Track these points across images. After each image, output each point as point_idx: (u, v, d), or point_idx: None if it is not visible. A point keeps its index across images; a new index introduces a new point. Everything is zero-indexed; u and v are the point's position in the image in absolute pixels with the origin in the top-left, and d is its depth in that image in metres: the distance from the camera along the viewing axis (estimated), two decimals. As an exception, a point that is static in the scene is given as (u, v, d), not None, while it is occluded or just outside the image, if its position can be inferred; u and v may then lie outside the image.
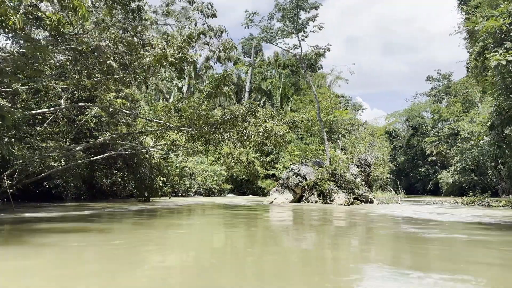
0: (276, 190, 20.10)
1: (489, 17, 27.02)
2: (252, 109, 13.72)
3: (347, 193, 19.35)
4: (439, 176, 55.95)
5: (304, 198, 19.57)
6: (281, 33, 20.86)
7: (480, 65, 28.13)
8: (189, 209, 16.56)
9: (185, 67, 15.64)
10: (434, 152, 62.54)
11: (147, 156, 21.70)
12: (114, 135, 14.74)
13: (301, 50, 21.45)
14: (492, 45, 23.40)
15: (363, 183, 21.45)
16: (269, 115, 13.74)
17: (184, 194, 32.64)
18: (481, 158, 45.92)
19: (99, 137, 15.26)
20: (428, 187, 62.19)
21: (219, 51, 14.18)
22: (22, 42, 10.09)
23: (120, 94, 16.79)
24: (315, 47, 20.68)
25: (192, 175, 33.86)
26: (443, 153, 60.14)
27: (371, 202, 20.94)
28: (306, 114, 27.26)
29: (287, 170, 20.55)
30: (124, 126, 15.20)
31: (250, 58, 60.44)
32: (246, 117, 13.68)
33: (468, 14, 28.02)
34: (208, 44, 15.28)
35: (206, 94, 14.15)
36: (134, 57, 12.07)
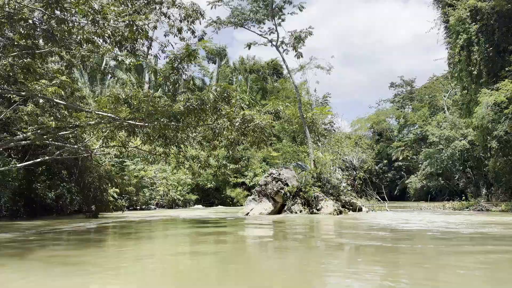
0: (253, 199, 16.86)
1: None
2: (225, 94, 10.56)
3: (334, 200, 16.46)
4: (407, 181, 55.03)
5: (286, 207, 16.46)
6: (254, 15, 17.88)
7: (464, 59, 26.52)
8: (144, 227, 13.09)
9: (138, 45, 12.30)
10: (400, 158, 61.89)
11: (94, 162, 17.99)
12: (39, 131, 11.09)
13: (278, 35, 18.54)
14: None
15: (350, 188, 18.68)
16: (247, 102, 10.60)
17: (144, 207, 28.76)
18: (450, 162, 45.22)
19: (19, 133, 11.56)
20: (395, 192, 61.42)
21: (181, 20, 10.99)
22: None
23: (54, 82, 13.24)
24: (293, 32, 17.83)
25: (153, 185, 30.04)
26: (409, 158, 59.50)
27: (360, 210, 18.18)
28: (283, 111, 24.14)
29: (265, 174, 17.38)
30: (52, 118, 11.58)
31: (215, 64, 57.57)
32: (217, 104, 10.49)
33: (449, 7, 26.25)
34: (165, 15, 12.04)
35: (163, 76, 10.84)
36: (58, 15, 8.66)
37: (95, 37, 11.73)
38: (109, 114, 11.82)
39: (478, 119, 19.19)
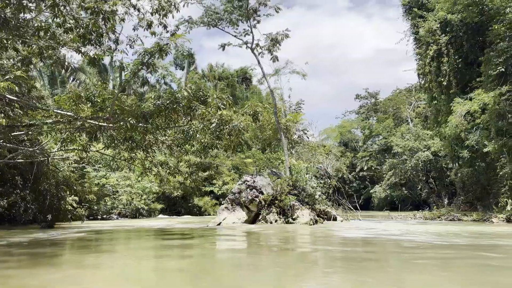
0: (225, 207, 15.87)
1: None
2: (201, 93, 9.67)
3: (310, 210, 15.79)
4: (371, 191, 55.80)
5: (260, 217, 15.59)
6: (228, 16, 17.12)
7: (434, 70, 26.87)
8: (105, 239, 11.89)
9: (104, 39, 11.22)
10: (365, 168, 62.61)
11: (51, 167, 16.50)
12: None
13: (253, 37, 17.86)
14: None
15: (324, 197, 18.11)
16: (225, 102, 9.73)
17: (105, 216, 27.01)
18: (414, 173, 46.21)
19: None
20: (359, 201, 61.96)
21: (152, 13, 10.06)
22: None
23: (7, 77, 11.93)
24: (268, 35, 17.18)
25: (115, 194, 28.35)
26: (373, 168, 60.40)
27: (334, 219, 17.63)
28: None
29: (239, 182, 16.47)
30: (3, 116, 10.28)
31: (183, 70, 56.41)
32: (191, 103, 9.56)
33: (420, 18, 26.58)
34: (135, 8, 11.07)
35: (132, 71, 9.82)
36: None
37: (56, 28, 10.63)
38: (68, 113, 10.64)
39: (451, 128, 19.21)
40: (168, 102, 9.37)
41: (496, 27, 19.60)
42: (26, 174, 18.01)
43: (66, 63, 11.42)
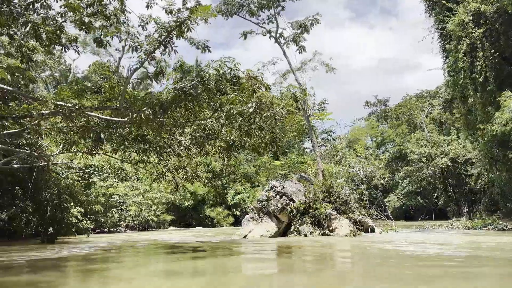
0: (251, 218, 13.79)
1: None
2: (233, 73, 7.73)
3: (348, 219, 13.69)
4: (385, 200, 53.65)
5: (292, 228, 13.49)
6: (249, 2, 15.35)
7: (467, 66, 24.84)
8: (112, 261, 9.89)
9: (111, 15, 9.41)
10: (378, 176, 60.67)
11: (52, 174, 14.63)
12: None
13: (277, 25, 16.02)
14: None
15: (357, 205, 16.02)
16: (260, 85, 7.75)
17: (112, 229, 25.08)
18: (431, 180, 44.16)
19: None
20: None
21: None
22: None
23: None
24: (295, 22, 15.25)
25: (123, 205, 26.43)
26: (386, 176, 58.51)
27: (372, 230, 15.49)
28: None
29: (267, 188, 14.41)
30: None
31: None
32: (221, 86, 7.63)
33: (448, 11, 24.68)
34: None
35: (147, 53, 7.97)
36: None
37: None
38: (68, 105, 8.77)
39: (499, 125, 17.12)
40: (191, 84, 7.40)
41: (543, 15, 17.67)
42: (26, 183, 16.21)
43: (67, 43, 9.47)
